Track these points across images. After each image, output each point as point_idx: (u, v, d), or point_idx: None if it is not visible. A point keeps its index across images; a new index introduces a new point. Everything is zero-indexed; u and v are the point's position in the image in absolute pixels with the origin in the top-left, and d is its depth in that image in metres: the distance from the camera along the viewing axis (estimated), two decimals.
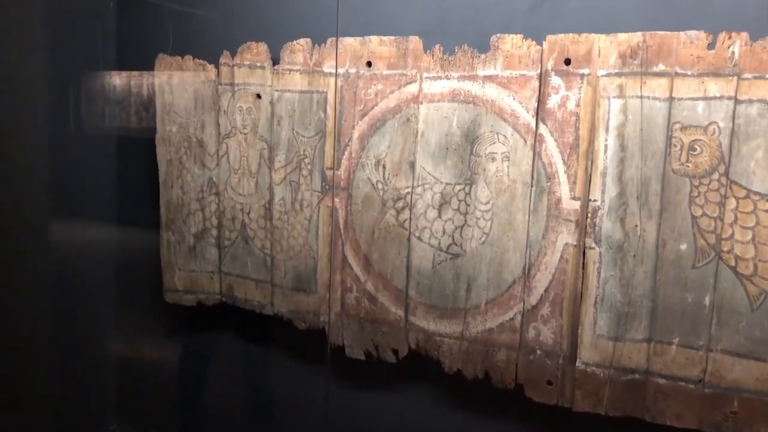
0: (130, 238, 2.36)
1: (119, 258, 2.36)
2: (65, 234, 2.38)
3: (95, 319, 2.41)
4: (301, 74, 1.87)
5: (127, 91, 2.23)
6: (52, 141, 2.30)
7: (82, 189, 2.34)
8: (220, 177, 2.05)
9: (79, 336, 2.38)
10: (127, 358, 2.42)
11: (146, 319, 2.37)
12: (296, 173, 1.91)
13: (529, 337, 1.64)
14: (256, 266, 2.02)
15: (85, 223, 2.39)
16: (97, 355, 2.41)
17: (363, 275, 1.83)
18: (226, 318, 2.19)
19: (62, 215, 2.36)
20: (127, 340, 2.41)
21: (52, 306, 2.38)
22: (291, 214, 1.93)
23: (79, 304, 2.37)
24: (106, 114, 2.29)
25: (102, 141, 2.33)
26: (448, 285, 1.71)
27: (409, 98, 1.72)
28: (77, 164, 2.32)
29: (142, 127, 2.20)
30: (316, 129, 1.86)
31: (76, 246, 2.39)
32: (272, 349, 2.16)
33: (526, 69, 1.58)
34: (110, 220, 2.37)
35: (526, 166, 1.60)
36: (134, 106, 2.23)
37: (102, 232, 2.39)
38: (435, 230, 1.71)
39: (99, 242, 2.40)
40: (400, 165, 1.74)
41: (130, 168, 2.31)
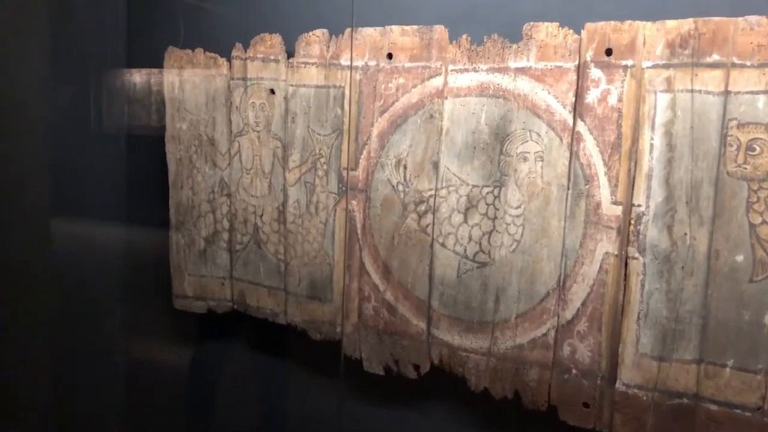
0: (140, 240, 2.28)
1: (128, 262, 2.28)
2: (74, 234, 2.32)
3: (101, 326, 2.32)
4: (317, 68, 1.76)
5: (147, 89, 2.17)
6: (67, 140, 2.25)
7: (97, 189, 2.28)
8: (231, 177, 1.95)
9: (85, 342, 2.30)
10: (135, 367, 2.33)
11: (154, 326, 2.28)
12: (311, 174, 1.80)
13: (563, 354, 1.50)
14: (268, 272, 1.92)
15: (95, 224, 2.32)
16: (102, 363, 2.32)
17: (382, 284, 1.71)
18: (238, 326, 2.09)
19: (73, 216, 2.30)
20: (134, 348, 2.33)
21: (58, 309, 2.31)
22: (306, 218, 1.82)
23: (86, 308, 2.29)
24: (126, 112, 2.24)
25: (121, 140, 2.26)
26: (475, 296, 1.59)
27: (433, 93, 1.59)
28: (94, 164, 2.27)
29: (162, 125, 2.10)
30: (333, 126, 1.75)
31: (84, 248, 2.32)
32: (285, 360, 2.05)
33: (563, 60, 1.45)
34: (120, 221, 2.29)
35: (562, 167, 1.46)
36: (154, 105, 2.16)
37: (111, 234, 2.31)
38: (460, 236, 1.59)
39: (108, 244, 2.32)
40: (423, 165, 1.62)
41: (145, 168, 2.22)
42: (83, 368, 2.32)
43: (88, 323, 2.31)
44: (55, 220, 2.28)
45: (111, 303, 2.31)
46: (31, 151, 2.29)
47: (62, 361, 2.35)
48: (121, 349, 2.33)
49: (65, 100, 2.28)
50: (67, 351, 2.34)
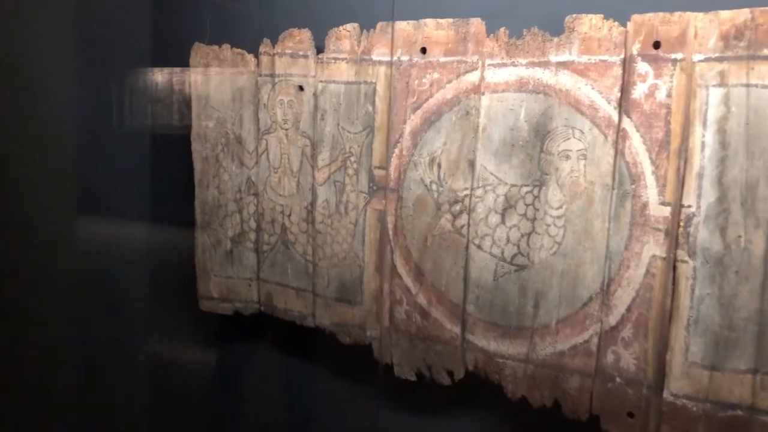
0: (164, 240, 2.24)
1: (152, 262, 2.25)
2: (98, 234, 2.30)
3: (126, 326, 2.30)
4: (348, 63, 1.71)
5: (169, 88, 2.14)
6: (92, 139, 2.24)
7: (120, 188, 2.26)
8: (259, 176, 1.91)
9: (109, 343, 2.28)
10: (159, 369, 2.30)
11: (179, 327, 2.25)
12: (341, 173, 1.75)
13: (607, 362, 1.44)
14: (296, 273, 1.88)
15: (120, 223, 2.30)
16: (127, 364, 2.30)
17: (414, 287, 1.66)
18: (264, 329, 2.05)
19: (97, 215, 2.28)
20: (158, 350, 2.30)
21: (83, 309, 2.29)
22: (335, 218, 1.77)
23: (110, 308, 2.27)
24: (149, 112, 2.21)
25: (145, 139, 2.23)
26: (513, 300, 1.53)
27: (469, 88, 1.54)
28: (118, 163, 2.25)
29: (184, 124, 2.08)
30: (364, 124, 1.70)
31: (108, 248, 2.30)
32: (313, 364, 2.01)
33: (608, 54, 1.38)
34: (145, 220, 2.26)
35: (606, 165, 1.40)
36: (176, 104, 2.13)
37: (136, 234, 2.28)
38: (497, 238, 1.53)
39: (132, 244, 2.29)
40: (458, 164, 1.57)
41: (168, 167, 2.19)
42: (107, 369, 2.30)
43: (112, 324, 2.29)
44: (79, 220, 2.26)
45: (135, 304, 2.28)
46: (55, 150, 2.28)
47: (87, 361, 2.33)
48: (146, 350, 2.30)
49: (90, 99, 2.26)
50: (91, 351, 2.32)
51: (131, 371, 2.29)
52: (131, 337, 2.29)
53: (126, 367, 2.30)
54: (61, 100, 2.25)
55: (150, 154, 2.23)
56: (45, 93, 2.25)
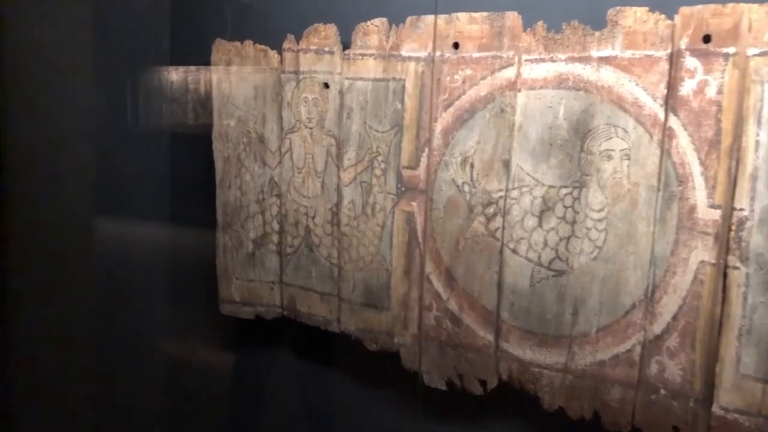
0: (184, 242, 2.20)
1: (171, 264, 2.20)
2: (116, 234, 2.27)
3: (144, 330, 2.26)
4: (376, 59, 1.65)
5: (184, 87, 2.10)
6: (107, 138, 2.22)
7: (136, 189, 2.22)
8: (282, 177, 1.85)
9: (127, 345, 2.25)
10: (178, 373, 2.25)
11: (199, 331, 2.21)
12: (368, 173, 1.69)
13: (650, 372, 1.37)
14: (321, 277, 1.82)
15: (137, 223, 2.26)
16: (146, 367, 2.26)
17: (445, 292, 1.60)
18: (287, 334, 2.00)
19: (115, 216, 2.25)
20: (177, 354, 2.26)
21: (101, 311, 2.27)
22: (361, 220, 1.72)
23: (128, 310, 2.23)
24: (163, 111, 2.18)
25: (158, 138, 2.20)
26: (550, 307, 1.47)
27: (505, 85, 1.47)
28: (131, 163, 2.21)
29: (199, 124, 2.06)
30: (392, 122, 1.64)
31: (126, 248, 2.26)
32: (338, 371, 1.95)
33: (653, 48, 1.32)
34: (164, 221, 2.22)
35: (651, 166, 1.33)
36: (191, 103, 2.08)
37: (154, 235, 2.24)
38: (534, 242, 1.47)
39: (150, 246, 2.25)
40: (492, 164, 1.50)
41: (185, 167, 2.15)
42: (126, 371, 2.27)
43: (131, 326, 2.26)
44: (97, 220, 2.23)
45: (154, 306, 2.24)
46: (71, 150, 2.25)
47: (105, 362, 2.30)
48: (165, 353, 2.26)
49: (106, 98, 2.23)
50: (110, 353, 2.29)
51: (149, 374, 2.25)
52: (150, 340, 2.25)
53: (144, 369, 2.26)
54: (78, 99, 2.23)
55: (166, 153, 2.20)
56: (61, 92, 2.22)
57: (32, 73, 2.24)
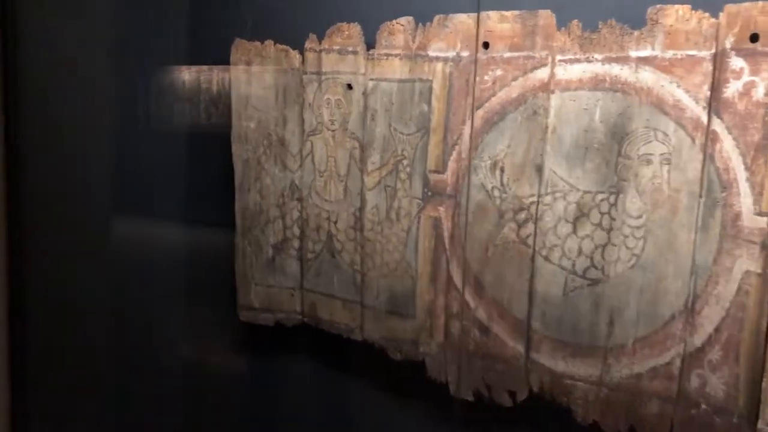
0: (199, 245, 2.16)
1: (188, 269, 2.17)
2: (129, 235, 2.24)
3: (159, 337, 2.23)
4: (401, 60, 1.61)
5: (197, 87, 2.06)
6: (120, 138, 2.21)
7: (150, 189, 2.20)
8: (303, 180, 1.81)
9: (143, 351, 2.22)
10: (194, 380, 2.22)
11: (217, 338, 2.17)
12: (393, 177, 1.65)
13: (690, 386, 1.32)
14: (343, 284, 1.78)
15: (151, 224, 2.23)
16: (161, 374, 2.22)
17: (473, 300, 1.56)
18: (308, 341, 1.95)
19: (127, 215, 2.24)
20: (194, 361, 2.22)
21: (114, 314, 2.25)
22: (386, 225, 1.68)
23: (142, 316, 2.21)
24: (175, 111, 2.15)
25: (170, 138, 2.17)
26: (584, 317, 1.42)
27: (537, 86, 1.43)
28: (144, 164, 2.19)
29: (212, 123, 2.03)
30: (418, 125, 1.60)
31: (139, 251, 2.23)
32: (360, 380, 1.90)
33: (696, 48, 1.26)
34: (179, 226, 2.18)
35: (693, 171, 1.28)
36: (203, 103, 2.05)
37: (167, 237, 2.20)
38: (568, 249, 1.42)
39: (164, 249, 2.22)
40: (524, 168, 1.46)
41: (200, 167, 2.12)
42: (141, 376, 2.24)
43: (147, 332, 2.23)
44: (110, 221, 2.22)
45: (169, 312, 2.21)
46: (85, 149, 2.24)
47: (120, 368, 2.28)
48: (181, 360, 2.23)
49: (120, 97, 2.21)
50: (125, 360, 2.27)
51: (165, 380, 2.22)
52: (166, 346, 2.22)
53: (160, 375, 2.23)
54: (92, 98, 2.21)
55: (179, 154, 2.16)
56: (76, 90, 2.21)
57: (47, 71, 2.23)
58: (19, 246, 2.31)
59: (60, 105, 2.25)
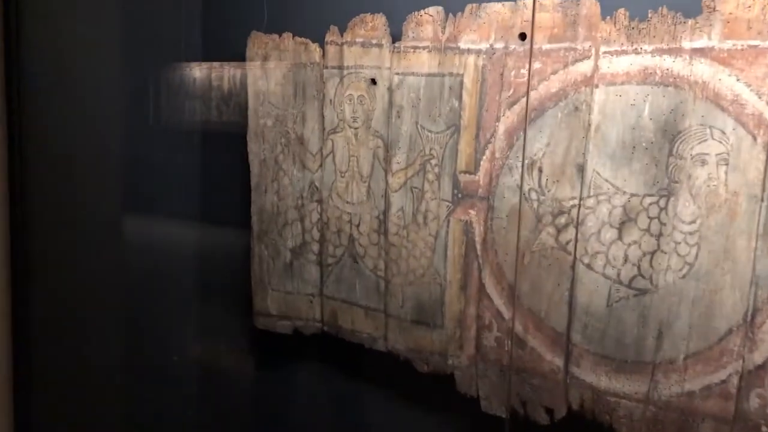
0: (212, 247, 2.07)
1: (200, 271, 2.09)
2: (144, 238, 2.18)
3: (170, 345, 2.15)
4: (430, 52, 1.52)
5: (207, 84, 2.00)
6: (130, 136, 2.14)
7: (160, 190, 2.12)
8: (323, 181, 1.73)
9: (155, 358, 2.14)
10: (207, 392, 2.14)
11: (231, 346, 2.09)
12: (420, 177, 1.56)
13: (749, 407, 1.22)
14: (366, 291, 1.70)
15: (162, 229, 2.15)
16: (173, 381, 2.15)
17: (507, 310, 1.47)
18: (328, 351, 1.87)
19: (138, 214, 2.17)
20: (208, 372, 2.14)
21: (124, 320, 2.18)
22: (412, 229, 1.59)
23: (154, 322, 2.13)
24: (186, 108, 2.07)
25: (181, 136, 2.10)
26: (630, 330, 1.32)
27: (580, 80, 1.33)
28: (155, 163, 2.11)
29: (223, 121, 1.98)
30: (448, 122, 1.51)
31: (150, 251, 2.15)
32: (384, 393, 1.81)
33: (760, 38, 1.16)
34: (192, 228, 2.11)
35: (754, 172, 1.18)
36: (215, 101, 1.99)
37: (178, 237, 2.12)
38: (613, 256, 1.32)
39: (176, 250, 2.13)
40: (564, 168, 1.36)
41: (212, 168, 2.05)
42: (153, 383, 2.17)
43: (160, 338, 2.15)
44: (120, 220, 2.16)
45: (182, 318, 2.13)
46: (94, 149, 2.17)
47: (131, 375, 2.21)
48: (194, 369, 2.15)
49: (129, 95, 2.14)
50: (136, 365, 2.20)
51: (177, 390, 2.14)
52: (178, 354, 2.14)
53: (171, 385, 2.15)
54: (103, 95, 2.15)
55: (191, 152, 2.09)
56: (86, 88, 2.15)
57: (54, 69, 2.17)
58: (23, 248, 2.24)
59: (67, 104, 2.18)
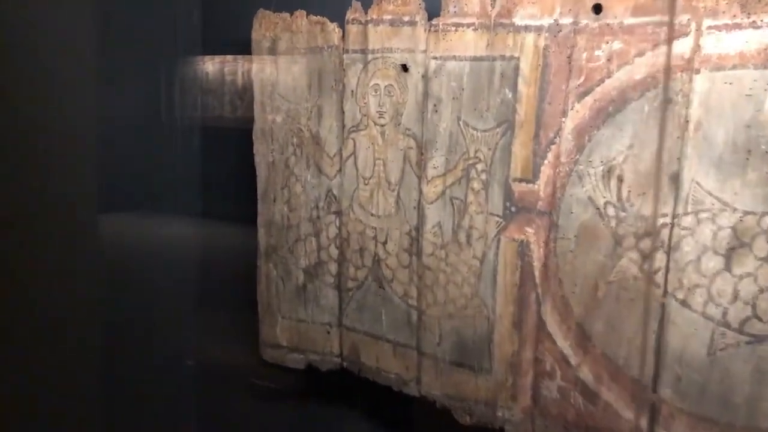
0: (215, 268, 1.88)
1: (200, 296, 1.87)
2: (141, 238, 1.99)
3: (166, 382, 1.93)
4: (476, 31, 1.27)
5: (221, 79, 1.93)
6: (138, 133, 1.96)
7: (168, 187, 1.95)
8: (343, 189, 1.51)
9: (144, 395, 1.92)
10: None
11: (234, 383, 1.85)
12: (462, 186, 1.32)
13: None
14: (394, 322, 1.48)
15: (167, 226, 1.98)
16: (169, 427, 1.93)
17: (575, 355, 1.21)
18: (347, 391, 1.66)
19: (143, 214, 2.00)
20: (209, 410, 1.90)
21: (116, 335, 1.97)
22: (452, 249, 1.34)
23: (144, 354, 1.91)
24: (198, 103, 1.99)
25: (192, 133, 1.96)
26: (740, 387, 1.05)
27: (674, 64, 1.08)
28: (163, 163, 1.96)
29: (236, 117, 1.87)
30: (499, 117, 1.26)
31: (143, 273, 1.94)
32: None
33: None
34: (194, 244, 1.92)
35: None
36: (228, 95, 1.91)
37: (182, 260, 1.92)
38: (717, 292, 1.06)
39: (177, 259, 1.95)
40: (653, 177, 1.10)
41: (223, 170, 1.89)
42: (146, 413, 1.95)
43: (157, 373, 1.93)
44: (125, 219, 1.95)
45: (179, 348, 1.90)
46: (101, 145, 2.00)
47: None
48: (192, 409, 1.92)
49: (139, 89, 1.98)
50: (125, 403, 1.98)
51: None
52: (177, 391, 1.91)
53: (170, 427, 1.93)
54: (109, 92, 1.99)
55: (201, 149, 1.94)
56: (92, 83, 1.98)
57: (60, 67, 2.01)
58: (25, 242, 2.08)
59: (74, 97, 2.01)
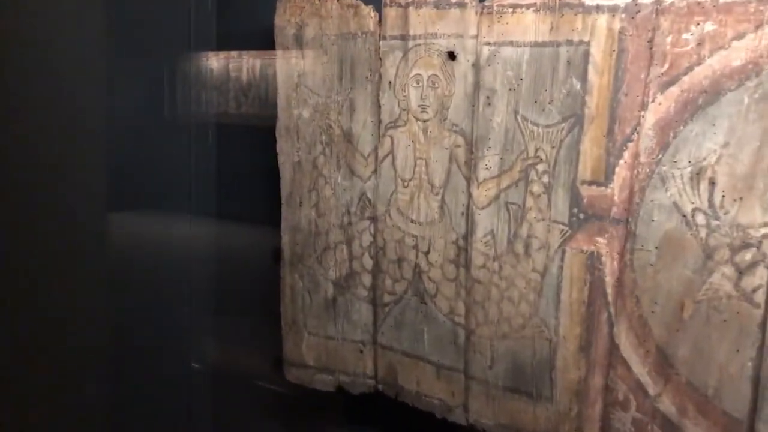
0: (234, 277, 1.76)
1: (218, 309, 1.75)
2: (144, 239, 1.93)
3: (182, 402, 1.81)
4: (538, 12, 1.13)
5: (225, 75, 1.88)
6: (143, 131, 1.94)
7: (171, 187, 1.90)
8: (378, 192, 1.38)
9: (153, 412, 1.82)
10: None
11: (256, 404, 1.73)
12: (519, 189, 1.19)
13: None
14: (438, 341, 1.35)
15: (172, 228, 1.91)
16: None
17: (654, 383, 1.08)
18: (383, 417, 1.53)
19: (147, 214, 1.95)
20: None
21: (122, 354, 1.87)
22: (507, 261, 1.21)
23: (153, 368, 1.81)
24: (203, 100, 1.96)
25: (197, 129, 1.90)
26: None
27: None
28: (167, 163, 1.92)
29: (242, 113, 1.83)
30: (564, 111, 1.13)
31: (154, 287, 1.83)
32: None
33: None
34: (205, 249, 1.82)
35: None
36: (232, 91, 1.86)
37: (197, 269, 1.82)
38: None
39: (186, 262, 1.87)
40: (753, 181, 0.98)
41: (236, 170, 1.82)
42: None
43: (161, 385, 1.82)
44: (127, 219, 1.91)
45: (193, 368, 1.79)
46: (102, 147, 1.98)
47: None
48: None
49: (143, 86, 1.94)
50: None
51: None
52: (191, 408, 1.80)
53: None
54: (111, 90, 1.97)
55: (209, 152, 1.88)
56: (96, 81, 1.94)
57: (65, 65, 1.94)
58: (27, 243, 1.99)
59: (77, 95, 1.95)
